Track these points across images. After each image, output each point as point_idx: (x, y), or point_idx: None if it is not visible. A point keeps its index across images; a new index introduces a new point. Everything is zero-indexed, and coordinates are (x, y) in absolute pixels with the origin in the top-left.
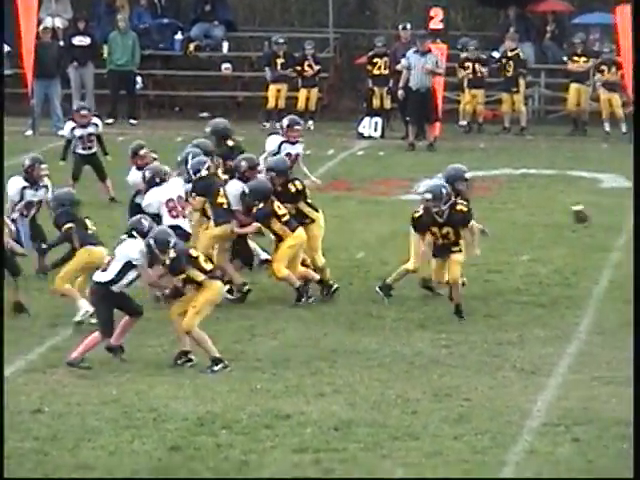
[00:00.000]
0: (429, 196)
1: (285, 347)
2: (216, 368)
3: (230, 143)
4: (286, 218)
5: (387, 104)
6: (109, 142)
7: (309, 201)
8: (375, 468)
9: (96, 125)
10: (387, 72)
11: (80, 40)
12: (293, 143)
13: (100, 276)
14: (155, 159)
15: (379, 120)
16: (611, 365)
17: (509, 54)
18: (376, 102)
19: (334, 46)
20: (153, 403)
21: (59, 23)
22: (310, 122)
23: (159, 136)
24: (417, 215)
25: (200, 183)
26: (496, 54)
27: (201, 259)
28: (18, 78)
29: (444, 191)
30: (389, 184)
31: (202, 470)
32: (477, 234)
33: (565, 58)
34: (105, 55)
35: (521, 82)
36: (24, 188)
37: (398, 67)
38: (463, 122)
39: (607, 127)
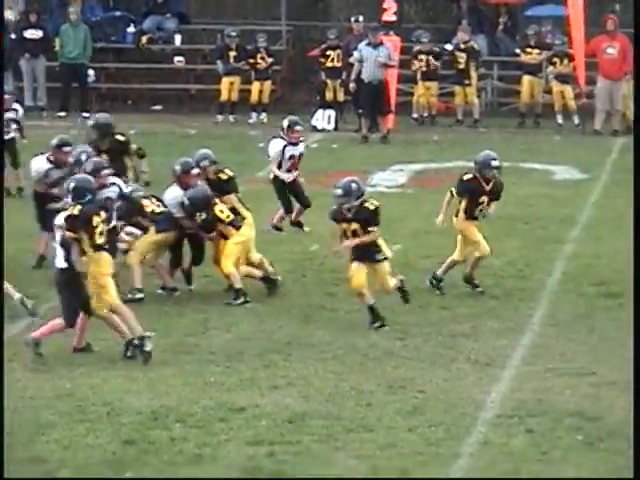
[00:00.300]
0: (339, 192)
1: (239, 340)
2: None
3: (121, 138)
4: (230, 219)
5: (340, 97)
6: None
7: (239, 196)
8: (329, 460)
9: (16, 110)
10: (340, 65)
11: (32, 33)
12: (295, 144)
13: (59, 262)
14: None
15: (332, 113)
16: (565, 357)
17: (462, 46)
18: (329, 95)
19: (287, 39)
20: (107, 397)
21: (10, 15)
22: (263, 115)
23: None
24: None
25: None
26: (449, 46)
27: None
28: None
29: (354, 187)
30: (342, 176)
31: (156, 463)
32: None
33: (518, 50)
34: (57, 48)
35: (473, 74)
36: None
37: (351, 60)
38: (416, 114)
39: (560, 119)
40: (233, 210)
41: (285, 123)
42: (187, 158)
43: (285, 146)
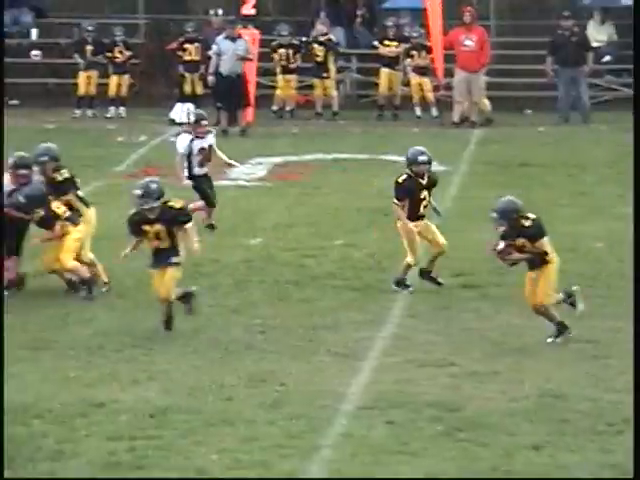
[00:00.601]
0: (138, 192)
1: (99, 335)
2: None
3: None
4: (67, 215)
5: (199, 90)
6: None
7: (80, 194)
8: (190, 454)
9: None
10: (198, 58)
11: None
12: (202, 137)
13: None
14: None
15: (191, 106)
16: (424, 348)
17: (320, 39)
18: (187, 88)
19: (145, 32)
20: None
21: None
22: (121, 108)
23: None
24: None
25: None
26: (307, 39)
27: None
28: None
29: (154, 187)
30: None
31: (16, 460)
32: (192, 234)
33: (376, 43)
34: None
35: (332, 67)
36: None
37: (209, 53)
38: (275, 107)
39: (418, 111)
40: (70, 206)
41: (192, 118)
42: (22, 153)
43: (192, 140)
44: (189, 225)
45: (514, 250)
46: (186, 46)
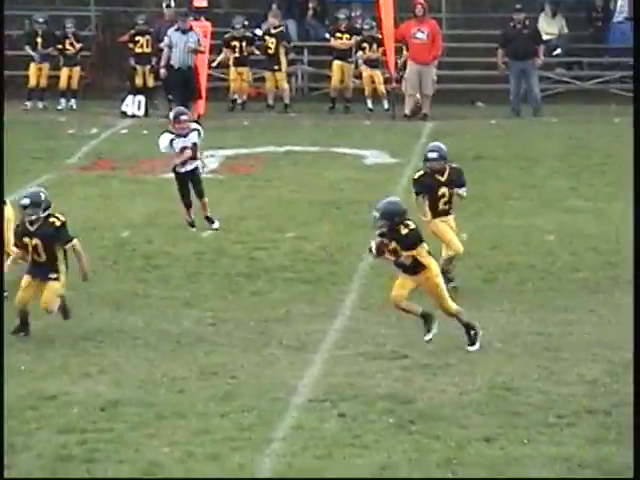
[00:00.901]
0: (26, 202)
1: (50, 327)
2: None
3: None
4: None
5: (150, 82)
6: None
7: None
8: (142, 447)
9: None
10: (150, 50)
11: None
12: (184, 135)
13: None
14: None
15: (142, 98)
16: (376, 340)
17: (272, 31)
18: (139, 80)
19: (96, 24)
20: None
21: None
22: (72, 101)
23: None
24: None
25: None
26: (259, 32)
27: None
28: None
29: (43, 197)
30: (153, 163)
31: None
32: (82, 255)
33: (328, 35)
34: None
35: (283, 60)
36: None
37: (161, 45)
38: (232, 98)
39: (369, 104)
40: None
41: (171, 115)
42: None
43: (172, 140)
44: (73, 243)
45: (387, 251)
46: (137, 38)
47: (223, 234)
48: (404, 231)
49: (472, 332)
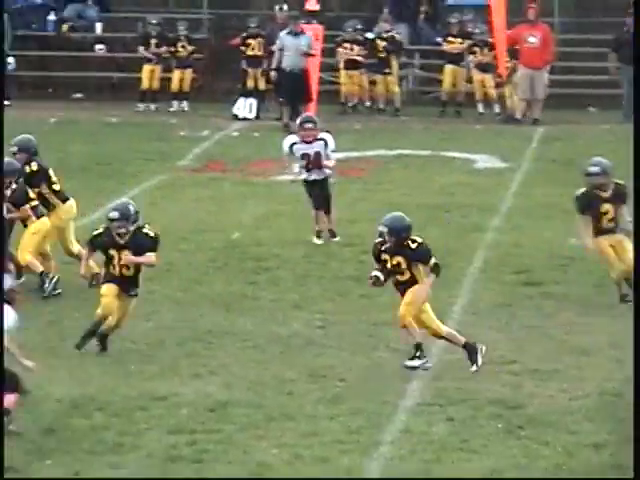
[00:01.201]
0: (115, 214)
1: (160, 329)
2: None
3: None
4: (34, 204)
5: (262, 85)
6: None
7: (56, 188)
8: (250, 449)
9: None
10: (261, 53)
11: None
12: (308, 142)
13: None
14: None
15: (253, 101)
16: (485, 345)
17: (383, 35)
18: (250, 83)
19: (208, 27)
20: (27, 385)
21: None
22: (184, 103)
23: (33, 117)
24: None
25: None
26: (370, 35)
27: None
28: None
29: (132, 210)
30: (264, 165)
31: (77, 452)
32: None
33: (440, 39)
34: None
35: (394, 63)
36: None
37: (272, 48)
38: (344, 102)
39: (480, 108)
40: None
41: (298, 120)
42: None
43: (294, 144)
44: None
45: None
46: (249, 41)
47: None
48: (414, 245)
49: (472, 352)
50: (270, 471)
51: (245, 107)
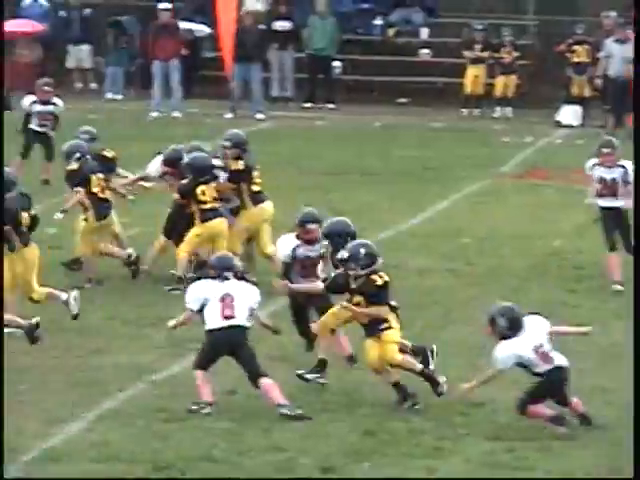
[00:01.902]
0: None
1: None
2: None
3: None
4: (205, 207)
5: (586, 92)
6: (307, 126)
7: (255, 189)
8: (570, 457)
9: (55, 104)
10: (587, 60)
11: (281, 25)
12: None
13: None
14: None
15: (578, 108)
16: None
17: None
18: (575, 90)
19: (534, 33)
20: (347, 387)
21: (259, 6)
22: (508, 109)
23: (356, 121)
24: None
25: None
26: None
27: None
28: (218, 61)
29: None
30: (586, 174)
31: (394, 455)
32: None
33: None
34: (304, 39)
35: None
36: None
37: (599, 55)
38: None
39: None
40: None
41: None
42: (177, 146)
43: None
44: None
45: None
46: (575, 48)
47: None
48: (379, 282)
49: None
50: None
51: (569, 114)
